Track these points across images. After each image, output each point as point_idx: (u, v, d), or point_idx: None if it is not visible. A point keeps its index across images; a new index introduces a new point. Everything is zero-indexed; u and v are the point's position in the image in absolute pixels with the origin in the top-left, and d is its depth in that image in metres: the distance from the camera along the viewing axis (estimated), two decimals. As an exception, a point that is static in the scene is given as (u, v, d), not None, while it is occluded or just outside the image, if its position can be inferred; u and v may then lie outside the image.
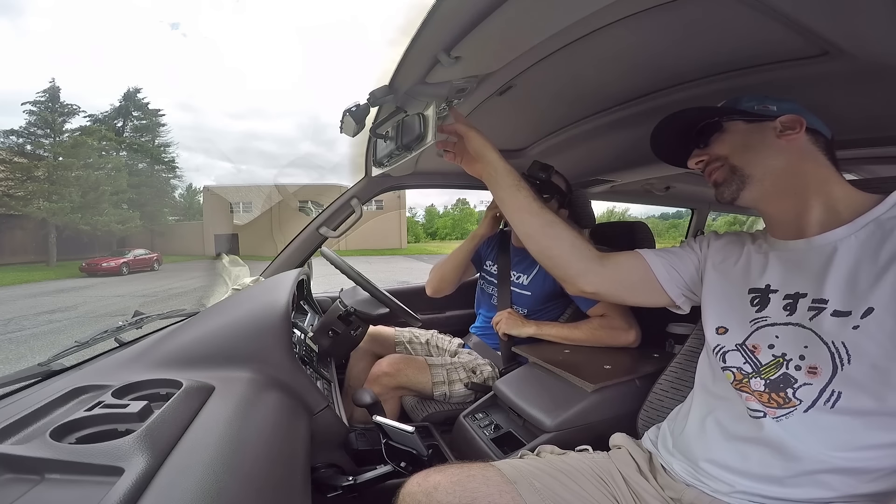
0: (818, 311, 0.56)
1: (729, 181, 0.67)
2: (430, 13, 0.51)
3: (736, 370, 0.64)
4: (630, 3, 0.60)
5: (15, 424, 0.49)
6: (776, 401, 0.58)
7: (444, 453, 1.08)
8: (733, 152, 0.67)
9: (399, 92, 0.72)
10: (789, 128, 0.63)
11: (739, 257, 0.72)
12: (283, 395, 0.72)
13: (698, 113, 0.70)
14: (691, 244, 0.80)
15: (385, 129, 0.84)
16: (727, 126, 0.68)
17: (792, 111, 0.64)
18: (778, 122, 0.64)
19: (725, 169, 0.67)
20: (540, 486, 0.64)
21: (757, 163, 0.65)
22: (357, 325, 1.16)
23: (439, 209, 46.32)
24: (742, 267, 0.70)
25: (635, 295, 0.79)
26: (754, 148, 0.65)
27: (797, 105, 0.66)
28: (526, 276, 1.36)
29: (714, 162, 0.69)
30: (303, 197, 2.74)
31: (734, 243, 0.75)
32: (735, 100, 0.70)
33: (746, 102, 0.68)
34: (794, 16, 0.60)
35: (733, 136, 0.67)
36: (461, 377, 1.29)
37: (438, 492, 0.61)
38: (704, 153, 0.70)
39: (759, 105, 0.67)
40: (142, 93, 26.38)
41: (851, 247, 0.57)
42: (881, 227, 0.55)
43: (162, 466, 0.43)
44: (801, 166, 0.63)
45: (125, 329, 0.91)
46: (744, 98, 0.69)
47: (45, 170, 18.57)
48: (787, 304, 0.61)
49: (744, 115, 0.67)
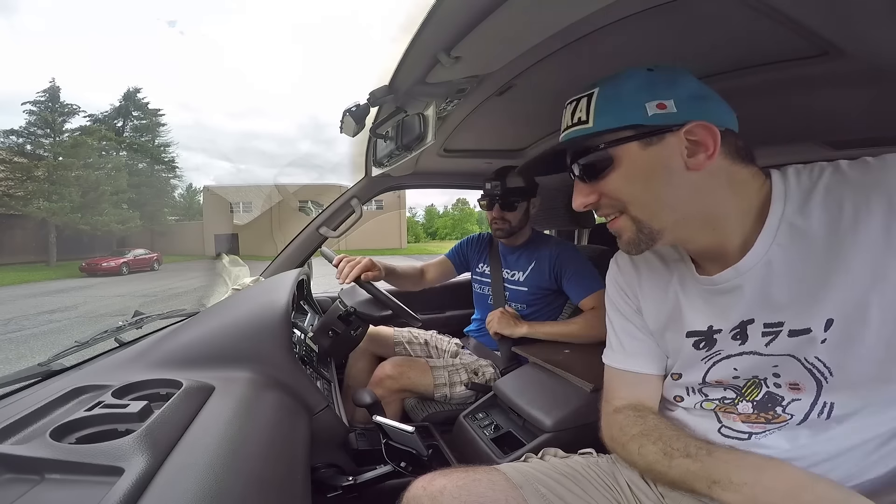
0: (774, 335, 0.51)
1: (636, 240, 0.54)
2: (431, 13, 0.51)
3: (719, 401, 0.59)
4: (630, 3, 0.60)
5: (15, 424, 0.49)
6: (765, 417, 0.55)
7: (444, 453, 1.08)
8: (632, 199, 0.52)
9: (399, 92, 0.72)
10: (700, 148, 0.49)
11: (666, 297, 0.63)
12: (283, 395, 0.72)
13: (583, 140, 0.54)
14: (626, 300, 0.69)
15: (385, 129, 0.84)
16: (618, 155, 0.52)
17: (698, 114, 0.49)
18: (684, 138, 0.49)
19: (627, 222, 0.54)
20: (545, 490, 0.63)
21: (663, 211, 0.52)
22: (357, 325, 1.16)
23: (439, 209, 46.41)
24: (672, 311, 0.62)
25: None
26: (658, 192, 0.51)
27: (700, 88, 0.52)
28: (521, 273, 1.38)
29: (607, 207, 0.55)
30: (303, 197, 2.73)
31: (656, 279, 0.65)
32: (614, 89, 0.52)
33: (632, 99, 0.50)
34: (794, 16, 0.60)
35: (629, 174, 0.52)
36: (462, 378, 1.29)
37: (444, 496, 0.60)
38: (593, 191, 0.55)
39: (650, 99, 0.50)
40: (141, 92, 26.44)
41: (779, 258, 0.50)
42: (794, 229, 0.49)
43: (162, 466, 0.43)
44: (718, 197, 0.51)
45: (125, 329, 0.91)
46: (626, 85, 0.51)
47: (45, 170, 18.58)
48: (735, 335, 0.55)
49: (637, 130, 0.50)
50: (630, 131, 0.51)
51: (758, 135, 0.93)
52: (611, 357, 0.71)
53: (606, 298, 0.74)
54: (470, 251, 1.57)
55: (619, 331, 0.70)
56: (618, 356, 0.69)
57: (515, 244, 1.41)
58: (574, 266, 1.29)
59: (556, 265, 1.31)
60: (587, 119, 0.53)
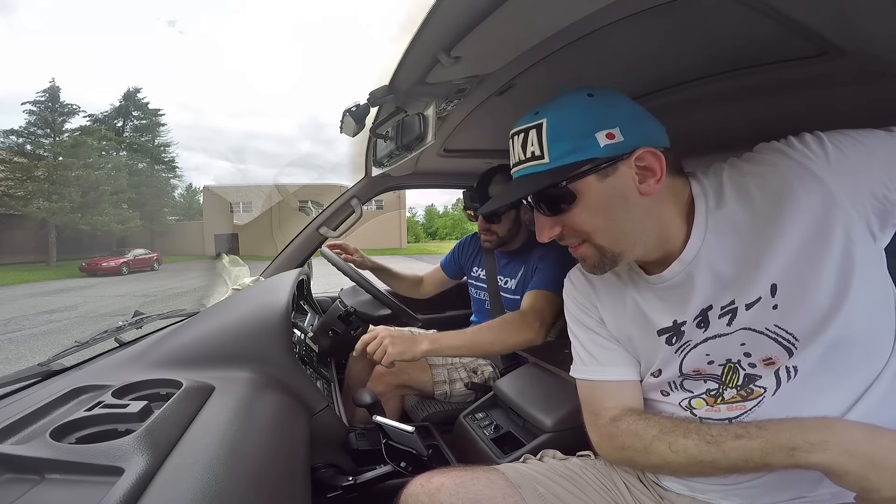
0: (731, 313, 0.55)
1: (600, 264, 0.58)
2: (431, 13, 0.51)
3: (705, 394, 0.60)
4: (630, 3, 0.60)
5: (15, 424, 0.49)
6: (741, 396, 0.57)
7: (444, 453, 1.08)
8: (595, 229, 0.55)
9: (399, 92, 0.72)
10: (649, 173, 0.53)
11: (625, 305, 0.65)
12: (283, 395, 0.72)
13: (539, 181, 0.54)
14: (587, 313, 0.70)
15: (385, 129, 0.84)
16: (579, 190, 0.54)
17: (642, 138, 0.53)
18: (634, 165, 0.52)
19: (590, 249, 0.57)
20: (544, 490, 0.63)
21: (625, 236, 0.56)
22: (357, 325, 1.16)
23: (439, 209, 46.36)
24: (635, 315, 0.64)
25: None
26: (618, 220, 0.55)
27: (633, 107, 0.55)
28: (513, 280, 1.32)
29: (571, 236, 0.58)
30: (303, 197, 2.73)
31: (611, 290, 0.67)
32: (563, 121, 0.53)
33: (583, 130, 0.52)
34: (794, 16, 0.60)
35: (590, 206, 0.54)
36: (462, 377, 1.29)
37: (441, 493, 0.61)
38: (557, 224, 0.57)
39: (599, 129, 0.52)
40: (141, 92, 26.44)
41: (714, 244, 0.55)
42: (719, 218, 0.55)
43: (162, 466, 0.43)
44: (667, 213, 0.56)
45: (125, 329, 0.91)
46: (572, 116, 0.53)
47: (45, 170, 18.59)
48: (699, 322, 0.58)
49: (593, 163, 0.52)
50: (587, 164, 0.53)
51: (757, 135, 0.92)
52: (583, 371, 0.69)
53: (567, 314, 0.73)
54: (463, 257, 1.54)
55: (588, 343, 0.69)
56: (591, 368, 0.68)
57: (509, 250, 1.35)
58: (545, 263, 1.21)
59: (535, 266, 1.24)
60: (542, 154, 0.54)
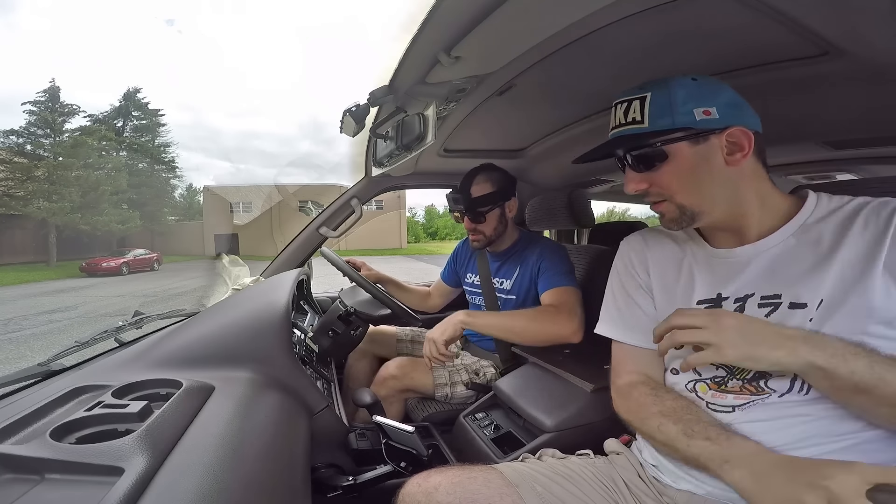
0: (773, 306, 0.58)
1: (678, 220, 0.64)
2: (431, 13, 0.51)
3: (710, 380, 0.63)
4: (630, 4, 0.60)
5: (15, 424, 0.49)
6: (748, 390, 0.59)
7: (444, 453, 1.08)
8: (680, 188, 0.62)
9: (399, 92, 0.72)
10: (738, 148, 0.59)
11: (679, 272, 0.70)
12: (283, 395, 0.72)
13: (638, 138, 0.62)
14: (634, 276, 0.75)
15: (385, 129, 0.84)
16: (671, 151, 0.61)
17: (736, 119, 0.59)
18: (725, 140, 0.59)
19: (671, 206, 0.64)
20: (542, 490, 0.63)
21: (705, 199, 0.62)
22: (357, 325, 1.16)
23: (439, 209, 46.26)
24: (685, 282, 0.68)
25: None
26: (702, 182, 0.61)
27: (734, 97, 0.61)
28: (508, 281, 1.32)
29: (656, 195, 0.64)
30: (303, 197, 2.73)
31: (668, 257, 0.72)
32: (666, 96, 0.60)
33: (683, 106, 0.59)
34: (794, 16, 0.60)
35: (679, 167, 0.61)
36: (463, 378, 1.29)
37: (438, 492, 0.61)
38: (644, 180, 0.64)
39: (697, 106, 0.59)
40: (141, 92, 26.43)
41: (791, 247, 0.60)
42: (808, 231, 0.59)
43: (162, 466, 0.43)
44: (747, 188, 0.62)
45: (125, 329, 0.91)
46: (677, 93, 0.59)
47: (45, 170, 18.56)
48: (738, 308, 0.61)
49: (687, 132, 0.59)
50: (681, 132, 0.59)
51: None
52: (607, 329, 0.76)
53: (612, 272, 0.79)
54: (458, 265, 1.54)
55: (622, 304, 0.76)
56: (616, 328, 0.75)
57: (500, 250, 1.34)
58: (550, 261, 1.22)
59: (537, 266, 1.24)
60: (642, 119, 0.61)
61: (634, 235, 0.80)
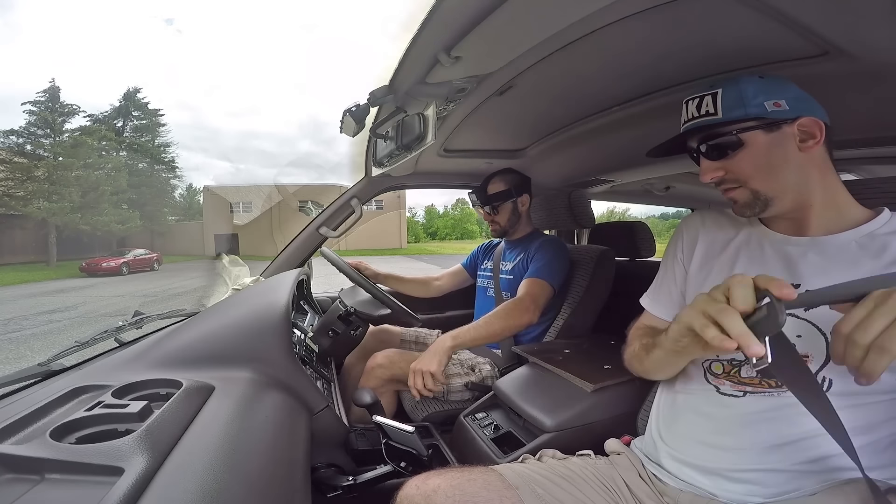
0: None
1: (751, 205, 0.65)
2: (431, 13, 0.51)
3: (727, 362, 0.64)
4: (630, 3, 0.60)
5: (15, 424, 0.49)
6: (768, 383, 0.59)
7: (444, 453, 1.08)
8: (755, 174, 0.64)
9: (399, 92, 0.72)
10: (810, 136, 0.61)
11: (724, 249, 0.71)
12: (283, 395, 0.72)
13: (712, 128, 0.65)
14: (677, 252, 0.79)
15: (385, 129, 0.84)
16: (746, 139, 0.63)
17: (807, 110, 0.62)
18: (797, 129, 0.61)
19: (746, 192, 0.65)
20: (542, 492, 0.63)
21: (779, 184, 0.63)
22: (357, 325, 1.16)
23: (439, 209, 46.35)
24: (729, 258, 0.70)
25: None
26: (777, 168, 0.63)
27: (801, 92, 0.63)
28: (510, 263, 1.47)
29: (731, 182, 0.66)
30: (303, 197, 2.74)
31: (719, 237, 0.74)
32: (737, 91, 0.63)
33: (754, 99, 0.62)
34: (794, 16, 0.60)
35: (754, 154, 0.63)
36: (458, 371, 1.29)
37: (437, 495, 0.60)
38: (720, 168, 0.66)
39: (767, 100, 0.61)
40: (141, 92, 26.42)
41: (852, 250, 0.60)
42: (875, 239, 0.59)
43: (162, 466, 0.43)
44: (818, 177, 0.63)
45: (125, 329, 0.91)
46: (747, 88, 0.62)
47: (45, 170, 18.56)
48: None
49: (761, 121, 0.62)
50: (755, 122, 0.62)
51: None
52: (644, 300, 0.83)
53: (668, 246, 0.83)
54: (480, 255, 1.70)
55: (660, 278, 0.81)
56: (646, 298, 0.83)
57: (513, 239, 1.54)
58: (541, 254, 1.37)
59: (532, 255, 1.39)
60: (716, 111, 0.63)
61: (694, 214, 0.82)
